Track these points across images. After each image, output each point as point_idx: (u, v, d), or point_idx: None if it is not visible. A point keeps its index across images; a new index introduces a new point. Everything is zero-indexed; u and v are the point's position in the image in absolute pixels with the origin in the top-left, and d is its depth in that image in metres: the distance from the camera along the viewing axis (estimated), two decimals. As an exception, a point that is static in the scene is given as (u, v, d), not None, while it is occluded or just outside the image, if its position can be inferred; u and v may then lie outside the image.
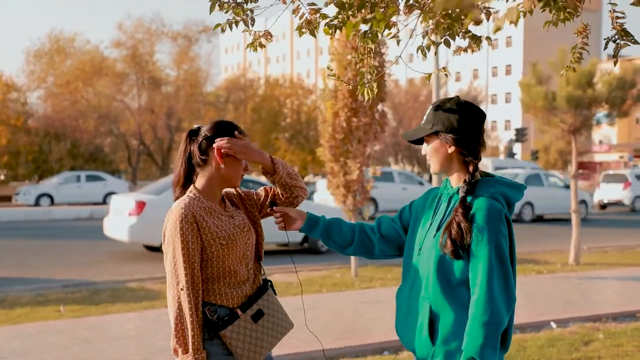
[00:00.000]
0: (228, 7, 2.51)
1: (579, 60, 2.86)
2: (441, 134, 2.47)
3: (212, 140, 2.55)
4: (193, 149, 2.59)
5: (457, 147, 2.46)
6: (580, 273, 10.72)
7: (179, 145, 2.64)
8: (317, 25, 2.56)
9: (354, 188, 9.79)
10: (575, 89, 11.98)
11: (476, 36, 2.54)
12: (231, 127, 2.60)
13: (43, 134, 34.97)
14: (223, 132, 2.57)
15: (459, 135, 2.44)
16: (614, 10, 2.51)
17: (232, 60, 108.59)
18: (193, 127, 2.65)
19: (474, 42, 2.53)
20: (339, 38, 9.71)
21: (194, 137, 2.60)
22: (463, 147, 2.45)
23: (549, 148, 59.05)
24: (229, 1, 2.51)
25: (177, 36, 39.79)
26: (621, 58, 3.00)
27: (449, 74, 2.65)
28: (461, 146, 2.45)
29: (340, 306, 8.06)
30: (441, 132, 2.47)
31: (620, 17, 2.51)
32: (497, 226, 2.34)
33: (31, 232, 17.75)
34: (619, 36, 2.55)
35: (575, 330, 6.75)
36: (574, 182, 12.00)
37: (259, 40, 2.71)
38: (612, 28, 2.52)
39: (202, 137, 2.57)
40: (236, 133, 2.58)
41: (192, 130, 2.63)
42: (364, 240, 2.73)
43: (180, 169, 2.61)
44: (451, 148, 2.47)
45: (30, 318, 7.46)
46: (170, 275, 2.46)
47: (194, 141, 2.59)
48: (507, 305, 2.33)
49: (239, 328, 2.49)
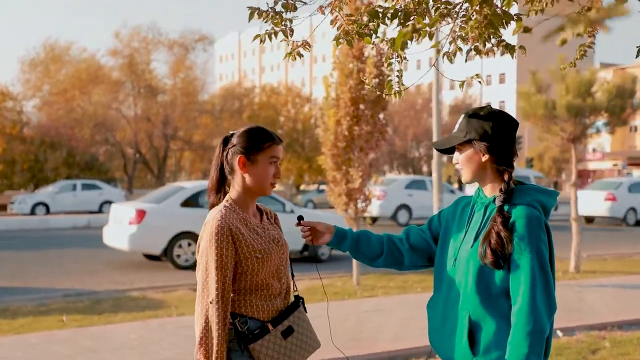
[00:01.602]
0: (267, 16, 2.50)
1: (582, 57, 2.87)
2: (475, 142, 2.43)
3: (237, 150, 2.53)
4: (224, 158, 2.57)
5: (491, 156, 2.43)
6: (581, 281, 10.73)
7: (175, 154, 2.64)
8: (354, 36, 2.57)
9: (355, 196, 9.79)
10: (575, 97, 12.03)
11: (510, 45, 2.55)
12: (262, 135, 2.56)
13: (39, 142, 34.87)
14: (251, 141, 2.53)
15: (493, 144, 2.41)
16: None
17: (226, 69, 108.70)
18: (228, 133, 2.62)
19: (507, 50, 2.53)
20: (341, 48, 9.74)
21: (227, 144, 2.58)
22: (497, 155, 2.43)
23: (543, 156, 59.30)
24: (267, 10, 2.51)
25: (174, 45, 39.86)
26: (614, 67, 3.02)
27: (482, 80, 2.65)
28: (495, 154, 2.42)
29: (344, 315, 8.04)
30: (475, 140, 2.43)
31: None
32: (537, 234, 2.33)
33: (27, 241, 17.66)
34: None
35: (581, 339, 6.74)
36: (573, 190, 12.03)
37: (297, 50, 2.70)
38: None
39: (230, 146, 2.55)
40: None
41: (226, 137, 2.60)
42: (392, 252, 2.70)
43: (213, 176, 2.59)
44: (485, 156, 2.44)
45: (33, 328, 7.41)
46: (200, 286, 2.44)
47: (226, 148, 2.57)
48: (549, 314, 2.32)
49: (269, 343, 2.46)
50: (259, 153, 2.54)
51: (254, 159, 2.53)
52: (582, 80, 12.17)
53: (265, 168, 2.55)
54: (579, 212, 24.79)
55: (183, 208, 12.16)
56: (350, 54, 9.50)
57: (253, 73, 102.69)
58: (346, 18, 2.60)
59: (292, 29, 2.58)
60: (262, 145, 2.54)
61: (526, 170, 32.47)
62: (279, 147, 2.60)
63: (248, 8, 2.48)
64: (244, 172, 2.53)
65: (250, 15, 2.52)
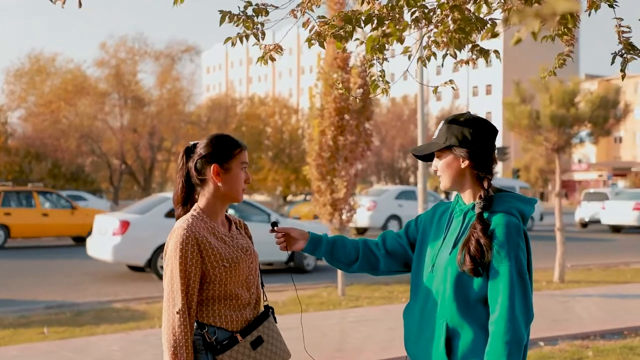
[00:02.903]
0: (238, 20, 2.49)
1: (561, 66, 2.89)
2: (455, 148, 2.43)
3: (208, 159, 2.51)
4: (190, 168, 2.54)
5: (471, 162, 2.42)
6: (565, 291, 10.76)
7: (161, 165, 2.61)
8: (325, 37, 2.56)
9: (340, 206, 9.78)
10: (559, 107, 12.10)
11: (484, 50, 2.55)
12: (230, 143, 2.55)
13: (23, 153, 34.68)
14: (222, 149, 2.52)
15: (472, 150, 2.41)
16: (620, 25, 2.53)
17: (214, 80, 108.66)
18: (189, 144, 2.60)
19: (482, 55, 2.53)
20: (325, 57, 9.76)
21: (190, 155, 2.55)
22: (476, 161, 2.42)
23: (530, 167, 59.67)
24: (239, 14, 2.50)
25: (160, 56, 39.76)
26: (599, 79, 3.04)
27: (456, 86, 2.65)
28: (475, 161, 2.42)
29: (328, 325, 8.01)
30: (455, 146, 2.43)
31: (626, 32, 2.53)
32: (516, 242, 2.32)
33: (10, 253, 17.48)
34: (625, 50, 2.57)
35: (564, 349, 6.74)
36: (558, 200, 12.07)
37: (269, 54, 2.69)
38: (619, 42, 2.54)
39: (198, 157, 2.53)
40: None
41: (188, 147, 2.58)
42: (368, 257, 2.68)
43: (177, 188, 2.57)
44: (464, 163, 2.43)
45: (14, 340, 7.31)
46: (167, 296, 2.41)
47: (191, 159, 2.55)
48: (527, 323, 2.31)
49: (237, 354, 2.43)
50: (231, 160, 2.53)
51: (227, 167, 2.52)
52: (565, 91, 12.25)
53: (238, 174, 2.54)
54: (606, 222, 25.39)
55: (167, 219, 12.10)
56: (334, 64, 9.52)
57: (240, 84, 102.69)
58: (318, 20, 2.59)
59: (264, 32, 2.57)
60: (232, 152, 2.53)
61: (512, 181, 32.61)
62: (246, 152, 2.59)
63: (219, 12, 2.48)
64: (218, 180, 2.51)
65: (221, 19, 2.51)
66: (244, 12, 2.50)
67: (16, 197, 19.07)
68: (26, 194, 19.28)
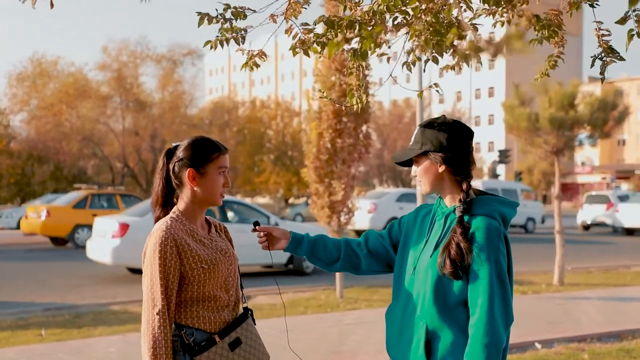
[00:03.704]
0: (217, 22, 2.49)
1: (553, 67, 2.89)
2: (430, 153, 2.44)
3: (184, 163, 2.50)
4: (169, 170, 2.54)
5: (448, 166, 2.43)
6: (564, 293, 10.74)
7: None
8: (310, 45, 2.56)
9: (338, 209, 9.78)
10: (558, 110, 12.09)
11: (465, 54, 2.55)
12: (208, 147, 2.53)
13: (26, 156, 34.72)
14: (199, 153, 2.51)
15: (448, 154, 2.41)
16: (599, 28, 2.53)
17: (216, 83, 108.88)
18: (171, 145, 2.60)
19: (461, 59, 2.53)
20: (322, 60, 9.76)
21: (171, 157, 2.55)
22: (453, 165, 2.42)
23: (533, 169, 59.57)
24: (217, 16, 2.49)
25: (162, 59, 39.75)
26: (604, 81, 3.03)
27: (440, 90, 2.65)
28: (451, 165, 2.42)
29: (326, 327, 8.01)
30: (430, 151, 2.44)
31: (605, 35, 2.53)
32: (496, 245, 2.32)
33: (12, 255, 17.52)
34: (605, 54, 2.56)
35: (560, 351, 6.74)
36: (557, 203, 12.06)
37: (254, 60, 2.69)
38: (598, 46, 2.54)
39: (176, 159, 2.52)
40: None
41: (169, 149, 2.58)
42: (350, 256, 2.69)
43: (157, 189, 2.56)
44: (441, 167, 2.43)
45: (11, 342, 7.33)
46: (146, 297, 2.42)
47: (171, 161, 2.54)
48: (506, 325, 2.31)
49: (215, 355, 2.43)
50: (208, 165, 2.51)
51: (203, 171, 2.51)
52: (565, 93, 12.24)
53: (215, 179, 2.52)
54: (619, 224, 25.61)
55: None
56: (332, 66, 9.52)
57: (243, 87, 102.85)
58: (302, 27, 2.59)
59: (244, 36, 2.57)
60: (209, 156, 2.52)
61: (514, 183, 32.55)
62: (226, 156, 2.57)
63: (197, 14, 2.48)
64: (194, 185, 2.50)
65: (199, 21, 2.50)
66: (222, 14, 2.50)
67: (99, 199, 20.41)
68: (109, 197, 20.70)
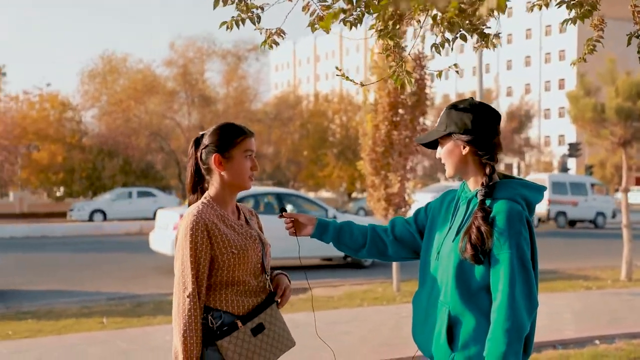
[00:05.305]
0: (232, 2, 2.50)
1: (591, 52, 2.77)
2: (455, 134, 2.40)
3: (210, 149, 2.54)
4: (198, 158, 2.60)
5: (472, 148, 2.39)
6: (632, 289, 10.38)
7: None
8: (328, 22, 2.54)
9: (395, 201, 9.71)
10: (625, 100, 11.67)
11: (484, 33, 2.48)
12: (233, 131, 2.57)
13: (97, 151, 35.80)
14: (224, 138, 2.55)
15: (473, 136, 2.37)
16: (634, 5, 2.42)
17: (282, 78, 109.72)
18: (199, 134, 2.64)
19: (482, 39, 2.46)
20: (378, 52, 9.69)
21: (199, 145, 2.60)
22: (478, 147, 2.38)
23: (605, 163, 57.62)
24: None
25: (227, 54, 40.27)
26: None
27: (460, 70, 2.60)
28: (476, 147, 2.38)
29: (381, 320, 7.97)
30: (455, 132, 2.40)
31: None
32: (518, 229, 2.27)
33: (81, 247, 18.14)
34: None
35: (621, 347, 6.51)
36: (624, 196, 11.65)
37: (272, 38, 2.70)
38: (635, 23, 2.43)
39: (203, 147, 2.57)
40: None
41: (197, 138, 2.63)
42: (376, 242, 2.68)
43: (188, 177, 2.63)
44: (465, 149, 2.40)
45: (75, 329, 7.59)
46: (177, 280, 2.46)
47: (199, 149, 2.60)
48: (530, 311, 2.26)
49: (237, 340, 2.45)
50: (233, 149, 2.55)
51: (228, 156, 2.54)
52: (632, 83, 11.80)
53: (241, 162, 2.55)
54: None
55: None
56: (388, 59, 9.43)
57: (308, 82, 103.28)
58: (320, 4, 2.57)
59: (260, 15, 2.57)
60: (234, 140, 2.55)
61: (583, 177, 31.66)
62: (252, 139, 2.60)
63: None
64: (220, 170, 2.54)
65: (215, 2, 2.52)
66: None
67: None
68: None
